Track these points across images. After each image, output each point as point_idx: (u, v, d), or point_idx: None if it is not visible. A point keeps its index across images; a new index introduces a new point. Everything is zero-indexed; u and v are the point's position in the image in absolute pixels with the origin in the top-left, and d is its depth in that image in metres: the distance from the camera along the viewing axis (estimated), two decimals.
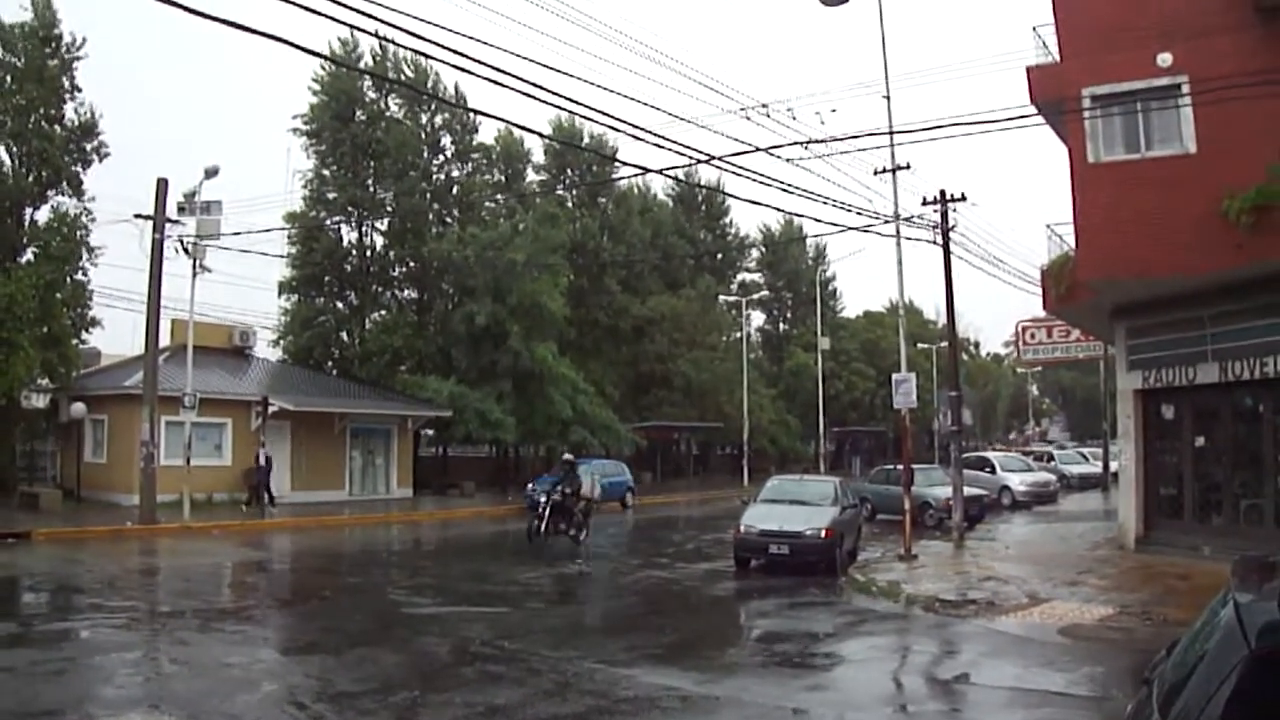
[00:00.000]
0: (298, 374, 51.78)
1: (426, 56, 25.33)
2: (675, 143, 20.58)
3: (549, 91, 17.08)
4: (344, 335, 58.53)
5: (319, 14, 13.28)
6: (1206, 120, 20.82)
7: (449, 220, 58.68)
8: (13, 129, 40.14)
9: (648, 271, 68.86)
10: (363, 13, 13.80)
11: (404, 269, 59.62)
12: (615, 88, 19.16)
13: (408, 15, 14.31)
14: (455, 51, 15.08)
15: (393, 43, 32.45)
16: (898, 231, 28.03)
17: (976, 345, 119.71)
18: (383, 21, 14.39)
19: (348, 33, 49.17)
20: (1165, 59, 21.37)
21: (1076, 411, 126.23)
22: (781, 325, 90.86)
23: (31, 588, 21.97)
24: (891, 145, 27.10)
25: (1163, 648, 5.47)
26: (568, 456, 34.83)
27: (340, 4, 13.31)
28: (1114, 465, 43.02)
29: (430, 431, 56.17)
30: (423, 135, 58.50)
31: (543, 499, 30.52)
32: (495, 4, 19.41)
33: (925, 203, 30.14)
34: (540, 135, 54.47)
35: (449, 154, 60.21)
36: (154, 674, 13.24)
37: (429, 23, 14.62)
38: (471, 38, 15.28)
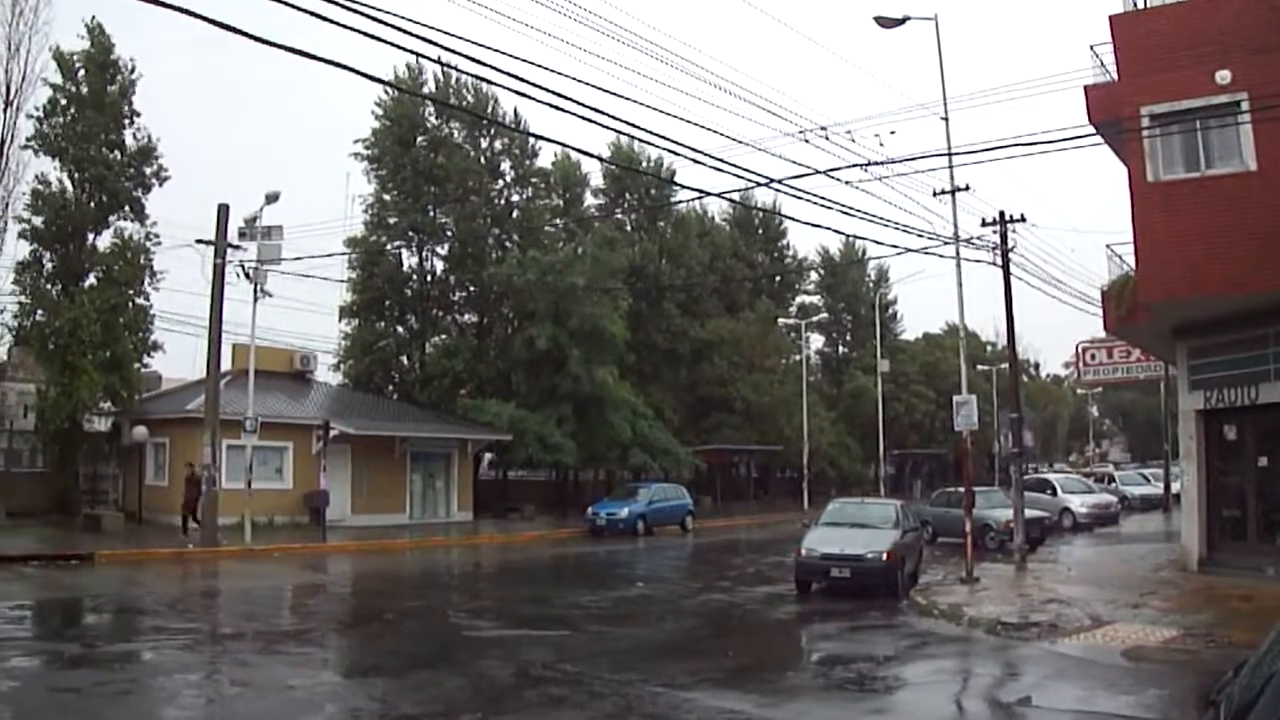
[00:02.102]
0: (358, 398, 52.05)
1: (488, 82, 25.50)
2: (734, 165, 20.62)
3: (608, 115, 17.17)
4: (404, 359, 58.97)
5: (384, 41, 13.41)
6: (1267, 137, 20.64)
7: (509, 244, 58.59)
8: (74, 155, 40.60)
9: (706, 295, 68.50)
10: (426, 39, 13.94)
11: (464, 293, 59.96)
12: (674, 111, 19.22)
13: (470, 42, 14.44)
14: (516, 77, 15.19)
15: (455, 69, 32.65)
16: (957, 253, 27.96)
17: (1036, 367, 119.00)
18: (445, 48, 14.58)
19: (412, 59, 49.59)
20: (1224, 76, 21.17)
21: (1137, 432, 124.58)
22: (841, 348, 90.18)
23: (94, 609, 22.18)
24: (950, 166, 27.09)
25: (1227, 669, 5.43)
26: None
27: (404, 31, 13.44)
28: (1175, 486, 42.61)
29: (491, 455, 56.01)
30: (483, 160, 58.62)
31: None
32: (556, 30, 19.57)
33: (984, 224, 29.89)
34: (599, 159, 54.46)
35: (509, 179, 60.27)
36: (216, 695, 13.35)
37: (491, 49, 14.74)
38: (532, 63, 15.39)
